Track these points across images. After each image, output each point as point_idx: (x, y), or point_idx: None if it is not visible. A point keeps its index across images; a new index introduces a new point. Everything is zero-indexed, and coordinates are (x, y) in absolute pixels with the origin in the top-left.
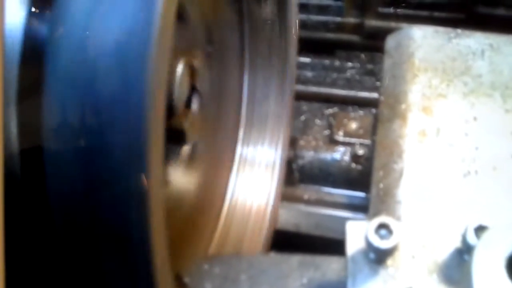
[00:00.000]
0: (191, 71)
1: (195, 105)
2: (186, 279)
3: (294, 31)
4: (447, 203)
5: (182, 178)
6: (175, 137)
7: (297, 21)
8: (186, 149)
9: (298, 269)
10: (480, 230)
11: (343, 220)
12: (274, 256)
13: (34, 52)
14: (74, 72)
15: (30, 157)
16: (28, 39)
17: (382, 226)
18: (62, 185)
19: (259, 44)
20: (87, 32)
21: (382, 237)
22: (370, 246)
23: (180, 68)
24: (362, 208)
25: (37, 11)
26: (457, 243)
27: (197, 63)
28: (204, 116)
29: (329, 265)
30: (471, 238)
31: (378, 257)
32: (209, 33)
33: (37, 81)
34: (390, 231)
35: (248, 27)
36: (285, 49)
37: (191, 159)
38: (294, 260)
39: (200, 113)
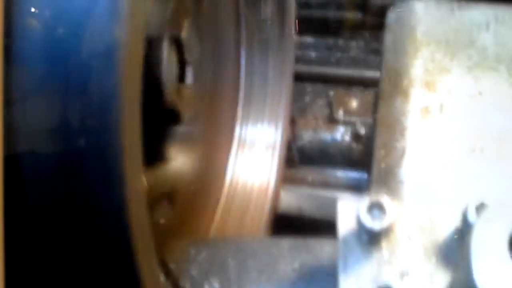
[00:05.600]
0: (178, 44)
1: (188, 80)
2: (172, 265)
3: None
4: (452, 182)
5: (179, 159)
6: (168, 116)
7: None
8: (182, 128)
9: (289, 253)
10: (481, 208)
11: None
12: (264, 239)
13: None
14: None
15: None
16: None
17: (375, 205)
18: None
19: (255, 19)
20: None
21: (374, 218)
22: (362, 227)
23: (165, 43)
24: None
25: None
26: (457, 223)
27: (185, 34)
28: (200, 94)
29: (322, 248)
30: (472, 217)
31: (371, 239)
32: (198, 2)
33: None
34: (383, 211)
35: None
36: (282, 24)
37: (189, 139)
38: (285, 243)
39: (195, 89)
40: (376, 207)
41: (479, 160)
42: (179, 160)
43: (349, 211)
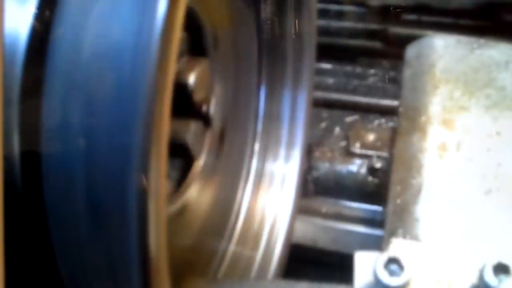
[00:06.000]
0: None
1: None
2: None
3: (312, 45)
4: (468, 223)
5: (196, 193)
6: (185, 152)
7: (315, 31)
8: (199, 163)
9: None
10: (499, 268)
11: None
12: (279, 282)
13: (37, 53)
14: (72, 73)
15: (31, 159)
16: (32, 40)
17: (393, 260)
18: (59, 187)
19: (276, 59)
20: (86, 33)
21: (392, 273)
22: (378, 282)
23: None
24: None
25: (38, 11)
26: (473, 279)
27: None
28: (221, 128)
29: None
30: (489, 277)
31: None
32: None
33: (39, 82)
34: (401, 267)
35: (266, 43)
36: (303, 55)
37: (207, 172)
38: (301, 287)
39: (217, 125)
40: (393, 263)
41: (496, 200)
42: (195, 196)
43: (366, 263)
